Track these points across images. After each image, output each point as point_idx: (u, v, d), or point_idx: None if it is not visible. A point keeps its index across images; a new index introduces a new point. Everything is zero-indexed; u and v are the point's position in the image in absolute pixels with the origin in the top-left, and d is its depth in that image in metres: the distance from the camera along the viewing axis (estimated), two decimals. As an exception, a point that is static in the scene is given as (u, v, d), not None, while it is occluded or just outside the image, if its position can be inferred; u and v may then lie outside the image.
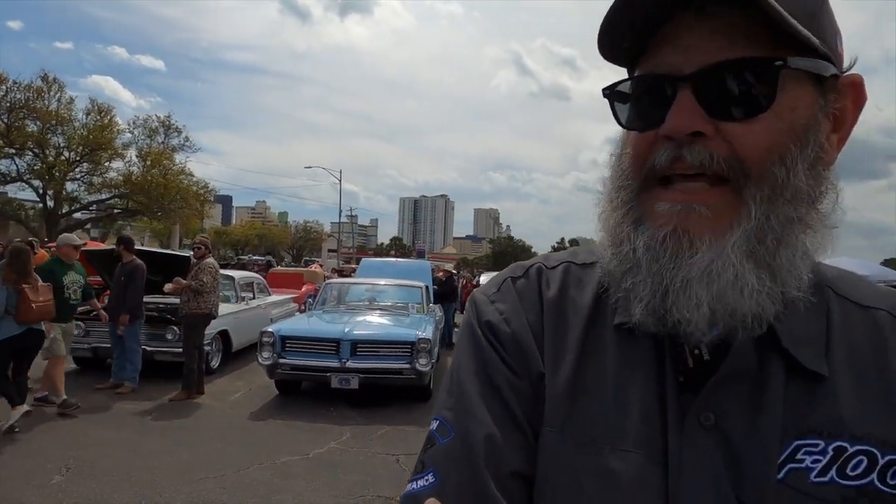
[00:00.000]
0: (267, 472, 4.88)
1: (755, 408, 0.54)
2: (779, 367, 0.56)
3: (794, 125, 0.54)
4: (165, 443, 5.51)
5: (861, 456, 0.52)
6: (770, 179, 0.53)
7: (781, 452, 0.53)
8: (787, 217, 0.54)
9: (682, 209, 0.54)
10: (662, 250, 0.54)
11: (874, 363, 0.56)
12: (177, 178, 28.88)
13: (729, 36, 0.52)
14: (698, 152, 0.53)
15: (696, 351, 0.56)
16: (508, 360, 0.64)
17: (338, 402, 7.09)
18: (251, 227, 76.56)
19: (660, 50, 0.56)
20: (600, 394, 0.60)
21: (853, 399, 0.54)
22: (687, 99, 0.53)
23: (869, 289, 0.62)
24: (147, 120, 30.21)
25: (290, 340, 7.16)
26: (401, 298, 9.22)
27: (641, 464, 0.55)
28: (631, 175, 0.59)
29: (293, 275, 17.47)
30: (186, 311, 7.19)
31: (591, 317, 0.64)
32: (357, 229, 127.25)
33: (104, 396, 6.99)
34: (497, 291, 0.70)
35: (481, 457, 0.58)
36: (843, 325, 0.58)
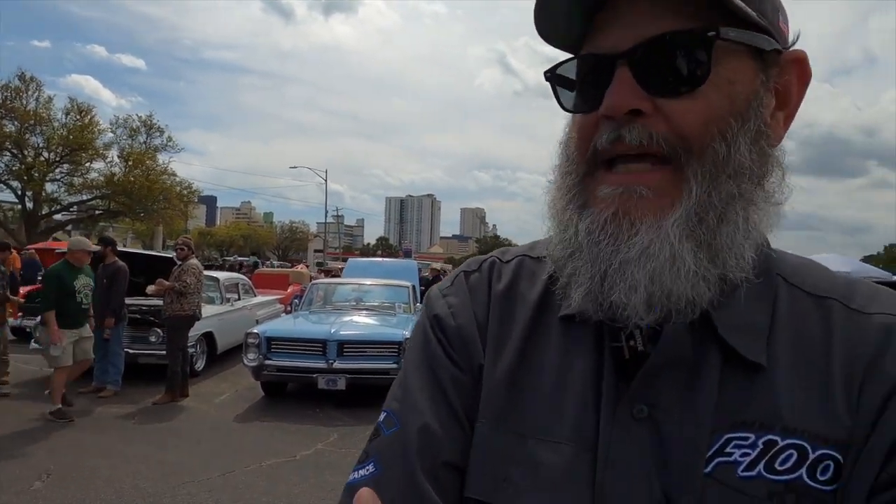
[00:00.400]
0: (253, 475, 4.82)
1: (688, 399, 0.53)
2: (716, 357, 0.54)
3: (734, 99, 0.53)
4: (149, 447, 5.42)
5: (791, 450, 0.50)
6: (711, 155, 0.52)
7: (711, 445, 0.51)
8: (730, 193, 0.53)
9: (624, 191, 0.53)
10: (603, 233, 0.54)
11: (818, 354, 0.53)
12: (160, 178, 28.50)
13: (666, 10, 0.51)
14: (638, 132, 0.52)
15: (632, 342, 0.55)
16: (452, 353, 0.65)
17: (324, 404, 7.04)
18: (236, 228, 75.82)
19: (600, 30, 0.55)
20: (538, 385, 0.60)
21: (791, 391, 0.52)
22: (624, 76, 0.52)
23: (824, 278, 0.59)
24: (128, 120, 29.71)
25: (276, 342, 7.09)
26: (387, 298, 9.18)
27: (571, 455, 0.55)
28: (576, 160, 0.58)
29: (279, 275, 17.34)
30: (170, 312, 7.10)
31: (538, 308, 0.64)
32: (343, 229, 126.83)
33: (86, 400, 6.87)
34: (450, 286, 0.71)
35: (416, 448, 0.59)
36: (789, 314, 0.56)
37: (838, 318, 0.55)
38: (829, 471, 0.49)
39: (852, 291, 0.57)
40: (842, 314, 0.55)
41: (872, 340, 0.52)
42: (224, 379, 8.45)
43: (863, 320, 0.54)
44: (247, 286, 11.36)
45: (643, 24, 0.52)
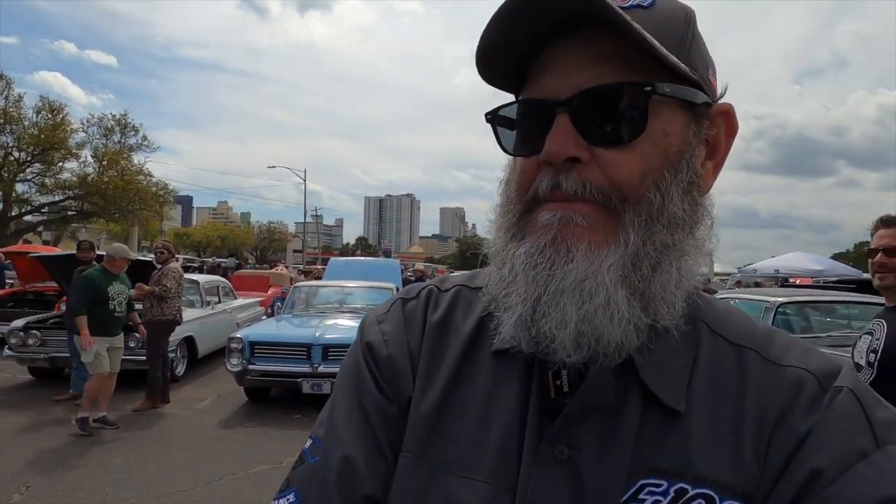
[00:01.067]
0: (240, 482, 4.76)
1: (607, 443, 0.54)
2: (636, 401, 0.55)
3: (668, 151, 0.54)
4: (130, 456, 5.31)
5: (700, 499, 0.51)
6: (646, 205, 0.53)
7: (627, 490, 0.52)
8: (664, 243, 0.54)
9: (563, 217, 0.54)
10: (541, 257, 0.54)
11: (733, 404, 0.55)
12: (135, 178, 27.94)
13: (605, 61, 0.53)
14: (574, 180, 0.53)
15: (558, 382, 0.56)
16: (382, 384, 0.64)
17: (309, 409, 6.97)
18: (213, 229, 74.62)
19: (541, 75, 0.56)
20: (463, 420, 0.59)
21: (704, 440, 0.53)
22: (564, 124, 0.53)
23: (746, 327, 0.61)
24: (102, 118, 29.05)
25: (260, 346, 7.00)
26: (371, 300, 9.13)
27: (489, 494, 0.55)
28: (515, 200, 0.59)
29: (259, 277, 17.14)
30: (150, 317, 6.96)
31: (471, 341, 0.64)
32: (322, 229, 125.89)
33: (64, 409, 6.71)
34: (386, 312, 0.70)
35: (335, 479, 0.59)
36: (709, 361, 0.57)
37: (754, 368, 0.56)
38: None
39: (769, 342, 0.58)
40: (756, 364, 0.56)
41: (783, 393, 0.54)
42: (205, 384, 8.32)
43: (776, 372, 0.55)
44: (227, 289, 11.20)
45: (582, 73, 0.53)
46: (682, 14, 0.57)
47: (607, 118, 0.53)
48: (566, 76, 0.54)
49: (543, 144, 0.54)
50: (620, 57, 0.52)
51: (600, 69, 0.53)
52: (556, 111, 0.54)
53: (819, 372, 0.55)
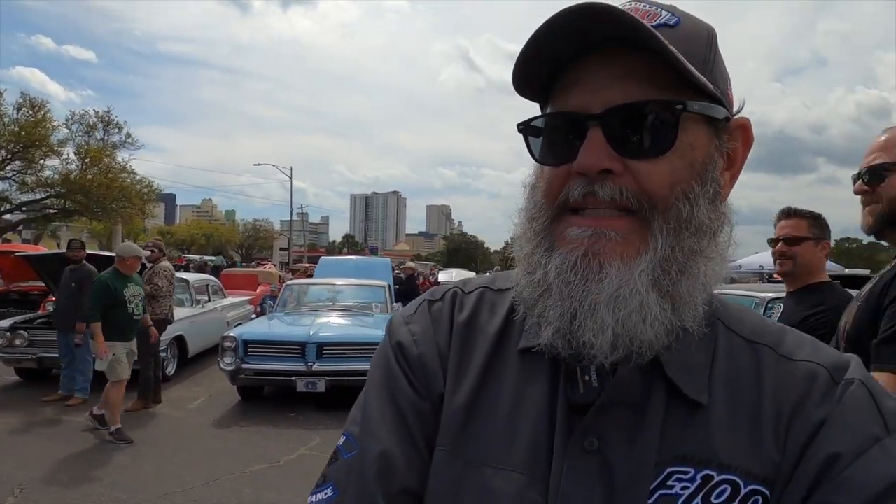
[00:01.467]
0: (238, 482, 4.73)
1: (634, 434, 0.57)
2: (661, 394, 0.58)
3: (694, 163, 0.58)
4: (125, 456, 5.26)
5: (726, 485, 0.54)
6: (675, 213, 0.56)
7: (655, 478, 0.55)
8: (691, 249, 0.57)
9: (594, 234, 0.56)
10: (573, 274, 0.56)
11: (751, 396, 0.58)
12: (119, 176, 27.52)
13: (634, 78, 0.56)
14: (609, 188, 0.56)
15: (587, 377, 0.58)
16: (413, 381, 0.66)
17: (302, 407, 6.95)
18: (197, 227, 73.75)
19: (569, 90, 0.59)
20: (494, 415, 0.62)
21: (726, 429, 0.56)
22: (597, 137, 0.56)
23: (758, 325, 0.64)
24: (84, 115, 28.54)
25: (254, 345, 6.96)
26: (363, 298, 9.12)
27: (523, 484, 0.57)
28: (544, 206, 0.61)
29: (247, 276, 17.01)
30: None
31: (498, 341, 0.67)
32: (308, 227, 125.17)
33: (54, 410, 6.62)
34: (413, 314, 0.73)
35: (374, 474, 0.61)
36: (727, 358, 0.61)
37: (769, 364, 0.60)
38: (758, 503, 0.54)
39: (781, 339, 0.62)
40: (771, 359, 0.60)
41: (798, 385, 0.57)
42: (197, 383, 8.25)
43: (790, 367, 0.59)
44: (216, 287, 11.12)
45: (613, 89, 0.56)
46: (704, 33, 0.61)
47: (639, 133, 0.56)
48: (597, 92, 0.56)
49: (574, 155, 0.57)
50: (648, 74, 0.55)
51: (630, 86, 0.56)
52: (588, 125, 0.56)
53: (830, 366, 0.59)
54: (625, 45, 0.55)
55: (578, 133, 0.57)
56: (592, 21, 0.53)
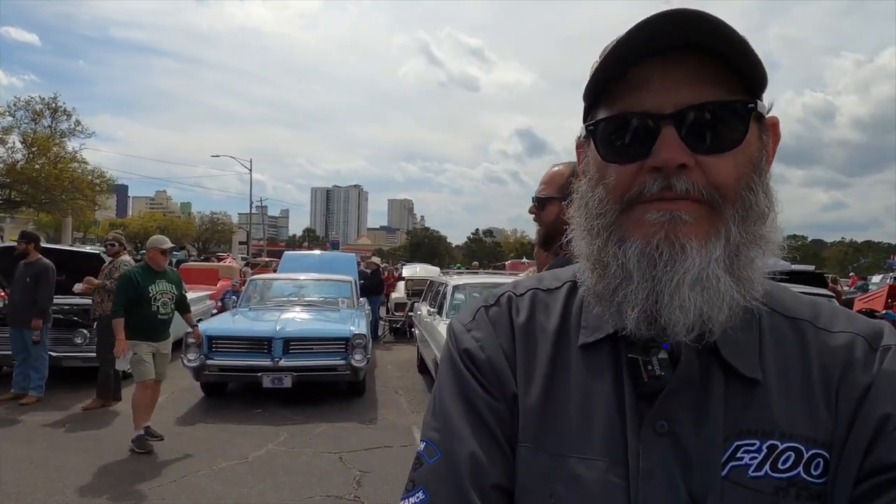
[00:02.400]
0: (205, 479, 4.68)
1: (700, 413, 0.62)
2: (719, 375, 0.63)
3: (752, 157, 0.63)
4: (86, 456, 5.12)
5: (789, 452, 0.59)
6: (742, 203, 0.62)
7: (724, 452, 0.60)
8: (756, 235, 0.63)
9: (671, 217, 0.60)
10: (658, 255, 0.60)
11: (799, 369, 0.63)
12: (68, 166, 26.42)
13: (699, 80, 0.61)
14: (683, 182, 0.60)
15: (650, 367, 0.63)
16: (485, 383, 0.70)
17: (269, 402, 6.90)
18: (151, 219, 71.37)
19: (636, 90, 0.62)
20: (567, 409, 0.66)
21: (782, 402, 0.61)
22: (672, 135, 0.60)
23: (794, 301, 0.70)
24: (30, 102, 27.26)
25: (218, 340, 6.86)
26: (329, 293, 9.08)
27: (605, 469, 0.62)
28: (611, 202, 0.64)
29: (207, 270, 16.61)
30: (101, 312, 6.70)
31: (557, 339, 0.71)
32: (267, 220, 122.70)
33: (6, 409, 6.38)
34: (472, 320, 0.76)
35: (466, 473, 0.65)
36: (772, 335, 0.66)
37: (811, 337, 0.65)
38: (819, 467, 0.59)
39: (817, 313, 0.68)
40: (812, 333, 0.66)
41: (841, 355, 0.63)
42: (158, 380, 8.06)
43: (830, 338, 0.65)
44: (176, 282, 10.85)
45: (683, 89, 0.60)
46: (746, 37, 0.63)
47: (710, 130, 0.61)
48: (666, 92, 0.61)
49: (645, 152, 0.61)
50: (713, 76, 0.60)
51: (699, 87, 0.60)
52: (661, 124, 0.60)
53: (866, 334, 0.64)
54: (687, 49, 0.59)
55: (650, 132, 0.61)
56: (686, 25, 0.58)
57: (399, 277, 17.09)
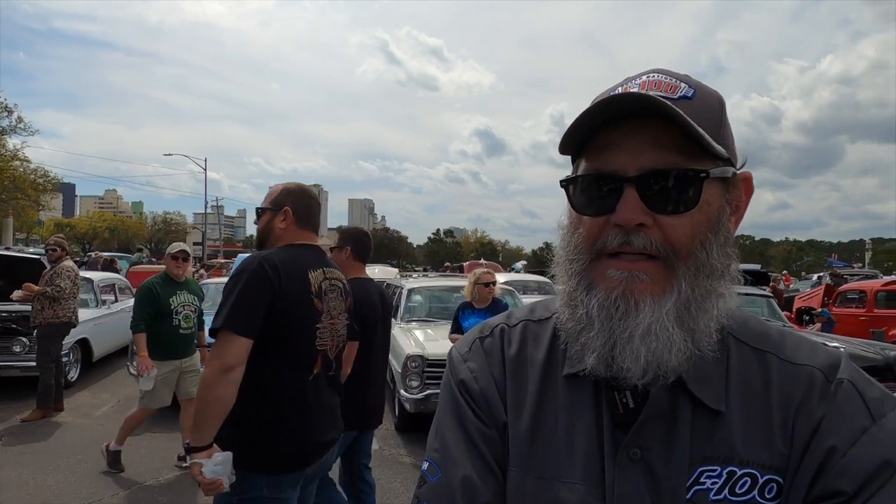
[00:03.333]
0: (152, 491, 4.58)
1: (670, 442, 0.68)
2: (687, 407, 0.69)
3: (710, 217, 0.68)
4: (24, 470, 4.93)
5: (746, 477, 0.65)
6: (694, 260, 0.67)
7: (690, 477, 0.66)
8: (707, 289, 0.68)
9: (629, 276, 0.67)
10: (614, 309, 0.68)
11: (761, 399, 0.69)
12: (9, 164, 25.24)
13: (661, 146, 0.67)
14: (641, 239, 0.67)
15: (624, 400, 0.70)
16: (479, 412, 0.78)
17: (221, 409, 6.77)
18: (100, 219, 68.83)
19: (604, 151, 0.69)
20: (553, 436, 0.73)
21: (742, 430, 0.67)
22: (632, 196, 0.66)
23: (762, 333, 0.75)
24: (-33, 97, 26.00)
25: (167, 347, 6.69)
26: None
27: (585, 493, 0.69)
28: (583, 251, 0.72)
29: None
30: (41, 320, 6.44)
31: (545, 370, 0.78)
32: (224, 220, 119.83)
33: (-62, 422, 6.08)
34: (469, 350, 0.84)
35: (460, 494, 0.73)
36: (739, 367, 0.71)
37: (774, 368, 0.71)
38: (773, 491, 0.65)
39: (783, 344, 0.73)
40: (776, 364, 0.71)
41: (800, 387, 0.69)
42: (104, 389, 7.83)
43: (792, 370, 0.70)
44: (124, 286, 10.54)
45: (645, 155, 0.67)
46: (716, 101, 0.72)
47: (668, 194, 0.67)
48: (632, 157, 0.67)
49: (611, 208, 0.68)
50: (673, 143, 0.66)
51: (658, 153, 0.66)
52: (624, 185, 0.67)
53: (824, 367, 0.69)
54: (652, 116, 0.66)
55: (615, 190, 0.67)
56: (635, 104, 0.66)
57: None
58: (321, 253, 2.45)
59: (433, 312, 7.72)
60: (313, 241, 2.43)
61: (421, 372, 5.78)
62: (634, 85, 0.71)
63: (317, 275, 2.30)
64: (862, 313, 10.40)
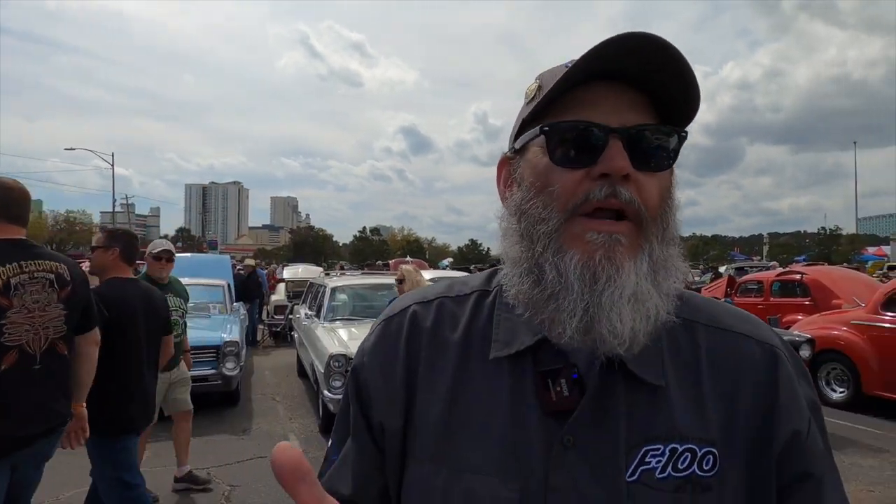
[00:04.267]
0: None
1: (605, 427, 0.66)
2: (623, 389, 0.67)
3: (670, 181, 0.69)
4: None
5: (687, 453, 0.65)
6: (661, 222, 0.67)
7: (635, 458, 0.65)
8: (671, 252, 0.68)
9: (609, 238, 0.64)
10: (601, 270, 0.63)
11: (693, 375, 0.69)
12: None
13: (638, 108, 0.67)
14: (628, 191, 0.64)
15: (559, 388, 0.67)
16: (365, 401, 0.75)
17: (130, 419, 6.36)
18: (-8, 219, 62.85)
19: (588, 107, 0.66)
20: (469, 425, 0.69)
21: (680, 408, 0.67)
22: (619, 146, 0.64)
23: (692, 303, 0.74)
24: None
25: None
26: (200, 299, 8.56)
27: (499, 484, 0.65)
28: (556, 209, 0.66)
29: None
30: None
31: (463, 352, 0.72)
32: (135, 220, 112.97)
33: None
34: (372, 335, 0.80)
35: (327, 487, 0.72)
36: (669, 339, 0.70)
37: (703, 338, 0.71)
38: (710, 462, 0.66)
39: (713, 313, 0.74)
40: (704, 334, 0.71)
41: (730, 357, 0.70)
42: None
43: (721, 337, 0.71)
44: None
45: (626, 112, 0.66)
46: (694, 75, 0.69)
47: (649, 150, 0.65)
48: (614, 113, 0.65)
49: (592, 161, 0.64)
50: (647, 108, 0.67)
51: (638, 112, 0.66)
52: (609, 136, 0.64)
53: (753, 332, 0.71)
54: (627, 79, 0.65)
55: (599, 142, 0.64)
56: (658, 51, 0.62)
57: (280, 280, 16.52)
58: (23, 246, 2.38)
59: (357, 311, 7.63)
60: (16, 235, 2.38)
61: (344, 371, 5.68)
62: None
63: (6, 269, 2.27)
64: (760, 302, 11.21)
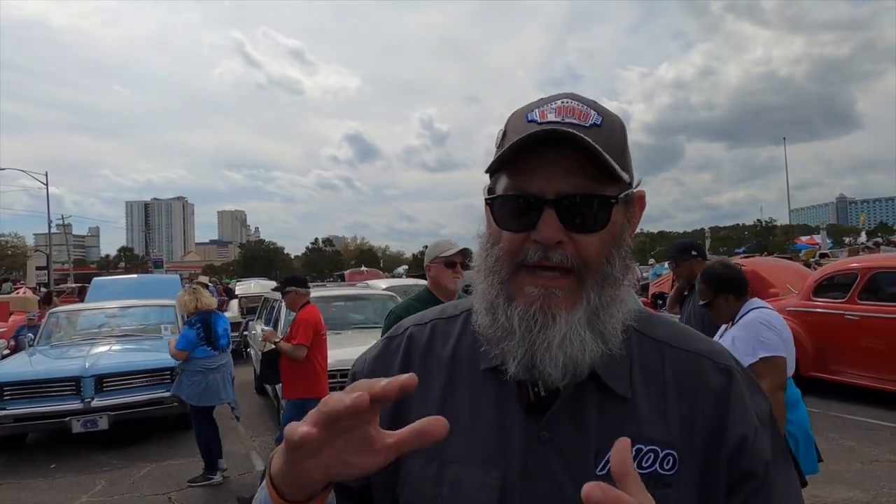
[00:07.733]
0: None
1: (578, 424, 0.76)
2: (594, 394, 0.78)
3: (615, 234, 0.77)
4: None
5: (650, 453, 0.75)
6: (601, 272, 0.76)
7: (604, 457, 0.73)
8: (611, 297, 0.76)
9: (546, 292, 0.74)
10: (534, 322, 0.74)
11: (657, 385, 0.79)
12: None
13: (576, 172, 0.74)
14: (559, 254, 0.74)
15: (536, 389, 0.78)
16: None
17: (79, 448, 6.20)
18: (-88, 246, 58.84)
19: (527, 175, 0.75)
20: (458, 424, 0.75)
21: (645, 413, 0.77)
22: (552, 216, 0.73)
23: (659, 325, 0.85)
24: None
25: (12, 387, 6.03)
26: (151, 320, 8.34)
27: (483, 474, 0.76)
28: (505, 263, 0.77)
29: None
30: None
31: (453, 363, 0.85)
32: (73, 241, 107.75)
33: None
34: (374, 348, 0.93)
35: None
36: (640, 357, 0.81)
37: (668, 356, 0.81)
38: (670, 462, 0.75)
39: (676, 335, 0.84)
40: (668, 352, 0.82)
41: (691, 373, 0.80)
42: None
43: (684, 356, 0.81)
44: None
45: (561, 179, 0.74)
46: (620, 127, 0.80)
47: (582, 216, 0.74)
48: (550, 181, 0.73)
49: (531, 225, 0.74)
50: (585, 168, 0.73)
51: (573, 178, 0.73)
52: (543, 206, 0.73)
53: (712, 354, 0.81)
54: (567, 145, 0.72)
55: (536, 210, 0.73)
56: (558, 138, 0.71)
57: (233, 296, 16.18)
58: None
59: (315, 324, 7.58)
60: None
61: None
62: (551, 109, 0.77)
63: None
64: (703, 294, 11.67)
